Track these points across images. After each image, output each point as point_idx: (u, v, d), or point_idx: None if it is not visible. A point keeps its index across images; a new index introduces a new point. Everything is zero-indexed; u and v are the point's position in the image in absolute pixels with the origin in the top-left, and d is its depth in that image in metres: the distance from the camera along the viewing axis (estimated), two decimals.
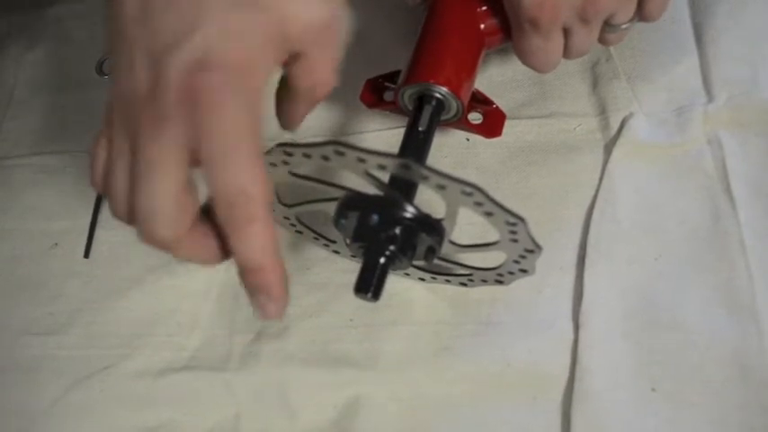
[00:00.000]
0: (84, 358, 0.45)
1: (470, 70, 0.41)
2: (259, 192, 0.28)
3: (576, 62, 0.49)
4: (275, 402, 0.42)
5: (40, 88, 0.56)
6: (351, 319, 0.44)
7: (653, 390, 0.40)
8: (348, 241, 0.38)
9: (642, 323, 0.41)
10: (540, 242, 0.43)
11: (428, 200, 0.36)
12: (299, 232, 0.44)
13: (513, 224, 0.34)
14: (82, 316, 0.47)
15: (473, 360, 0.42)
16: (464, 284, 0.43)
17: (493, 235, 0.36)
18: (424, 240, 0.36)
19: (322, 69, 0.32)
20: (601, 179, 0.45)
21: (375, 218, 0.35)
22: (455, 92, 0.38)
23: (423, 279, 0.44)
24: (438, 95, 0.40)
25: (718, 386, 0.39)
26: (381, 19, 0.52)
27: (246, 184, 0.28)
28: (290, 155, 0.34)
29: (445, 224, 0.36)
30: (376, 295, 0.34)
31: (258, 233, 0.28)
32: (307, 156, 0.33)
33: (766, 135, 0.44)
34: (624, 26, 0.39)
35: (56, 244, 0.49)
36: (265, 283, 0.29)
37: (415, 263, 0.39)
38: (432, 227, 0.35)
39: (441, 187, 0.32)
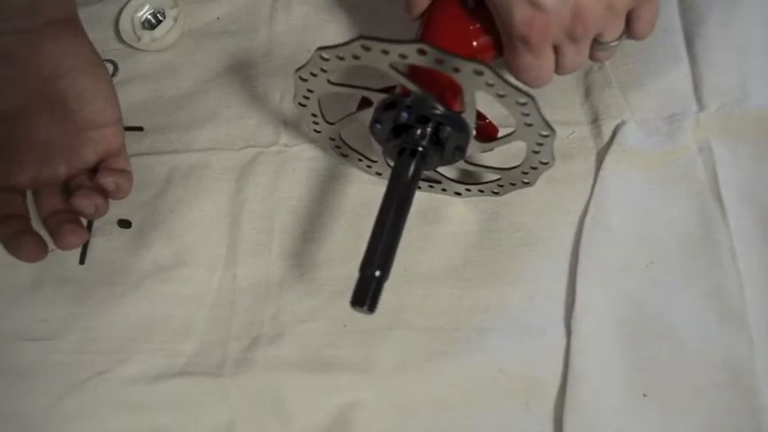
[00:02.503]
0: (78, 363, 0.46)
1: None
2: None
3: None
4: (270, 408, 0.43)
5: None
6: (345, 325, 0.44)
7: (644, 395, 0.40)
8: (383, 143, 0.41)
9: (633, 329, 0.42)
10: (535, 247, 0.45)
11: None
12: (345, 155, 0.47)
13: (524, 103, 0.36)
14: (77, 321, 0.47)
15: (466, 366, 0.42)
16: (496, 193, 0.45)
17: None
18: (452, 137, 0.39)
19: None
20: (593, 186, 0.45)
21: (405, 115, 0.38)
22: (449, 106, 0.39)
23: (459, 193, 0.46)
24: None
25: (708, 392, 0.40)
26: (378, 32, 0.52)
27: None
28: (326, 59, 0.38)
29: (467, 116, 0.38)
30: (372, 308, 0.35)
31: None
32: (340, 58, 0.37)
33: (756, 143, 0.45)
34: (613, 44, 0.40)
35: (51, 250, 0.49)
36: None
37: (450, 176, 0.45)
38: (457, 121, 0.38)
39: (456, 70, 0.35)
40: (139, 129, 0.52)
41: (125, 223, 0.49)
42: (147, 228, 0.49)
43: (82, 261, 0.49)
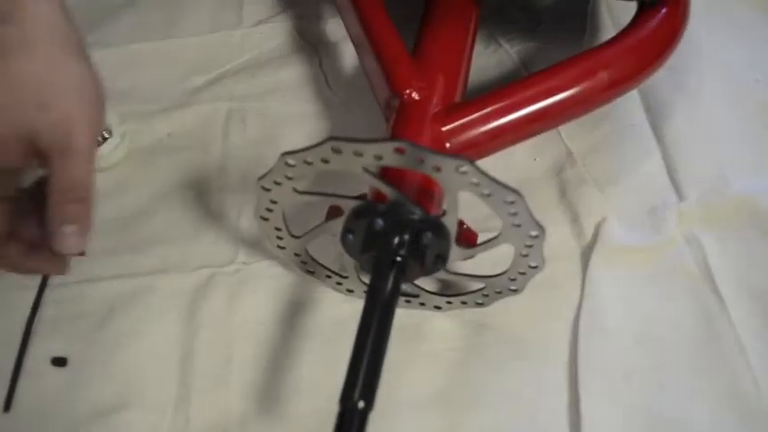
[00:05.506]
0: None
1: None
2: None
3: (541, 170, 0.48)
4: None
5: None
6: None
7: None
8: (357, 255, 0.38)
9: None
10: (528, 360, 0.41)
11: None
12: (312, 272, 0.43)
13: (512, 202, 0.33)
14: None
15: None
16: (480, 304, 0.42)
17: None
18: (432, 244, 0.36)
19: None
20: (582, 288, 0.43)
21: (381, 222, 0.35)
22: (427, 210, 0.36)
23: (439, 307, 0.42)
24: None
25: None
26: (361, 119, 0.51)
27: None
28: (291, 165, 0.35)
29: (448, 220, 0.36)
30: None
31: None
32: (308, 163, 0.34)
33: (742, 230, 0.44)
34: None
35: None
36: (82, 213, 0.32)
37: (429, 289, 0.41)
38: (437, 226, 0.36)
39: (437, 169, 0.32)
40: (80, 253, 0.47)
41: (60, 361, 0.43)
42: (84, 365, 0.43)
43: (7, 408, 0.42)
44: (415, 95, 0.42)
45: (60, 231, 0.32)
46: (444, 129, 0.41)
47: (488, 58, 0.54)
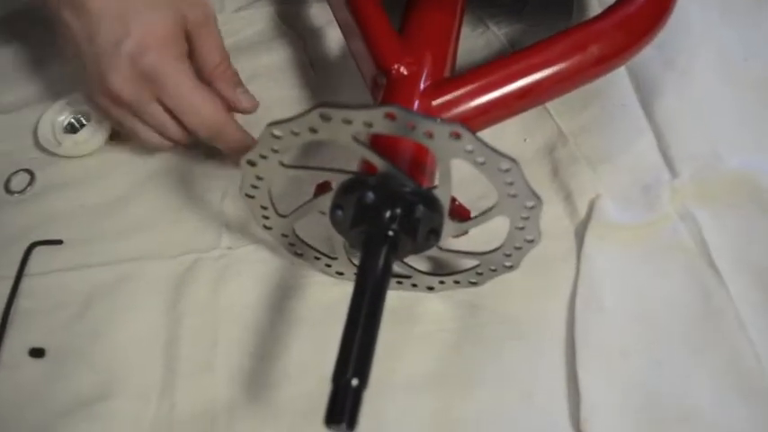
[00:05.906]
0: None
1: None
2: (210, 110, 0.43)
3: (532, 149, 0.47)
4: None
5: None
6: None
7: None
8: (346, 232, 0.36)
9: (650, 420, 0.37)
10: (525, 341, 0.39)
11: None
12: (299, 254, 0.42)
13: (507, 170, 0.32)
14: None
15: None
16: (474, 283, 0.40)
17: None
18: (425, 218, 0.34)
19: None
20: (577, 267, 0.41)
21: (371, 196, 0.34)
22: (419, 182, 0.35)
23: (431, 288, 0.41)
24: None
25: None
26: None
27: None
28: (277, 137, 0.33)
29: (441, 193, 0.34)
30: (351, 425, 0.28)
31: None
32: (295, 133, 0.33)
33: (738, 206, 0.43)
34: None
35: None
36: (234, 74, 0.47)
37: (420, 268, 0.40)
38: (430, 199, 0.35)
39: (429, 135, 0.31)
40: (58, 242, 0.45)
41: (37, 352, 0.41)
42: (64, 356, 0.41)
43: None
44: (403, 70, 0.41)
45: (234, 93, 0.46)
46: (434, 103, 0.40)
47: (476, 41, 0.53)
